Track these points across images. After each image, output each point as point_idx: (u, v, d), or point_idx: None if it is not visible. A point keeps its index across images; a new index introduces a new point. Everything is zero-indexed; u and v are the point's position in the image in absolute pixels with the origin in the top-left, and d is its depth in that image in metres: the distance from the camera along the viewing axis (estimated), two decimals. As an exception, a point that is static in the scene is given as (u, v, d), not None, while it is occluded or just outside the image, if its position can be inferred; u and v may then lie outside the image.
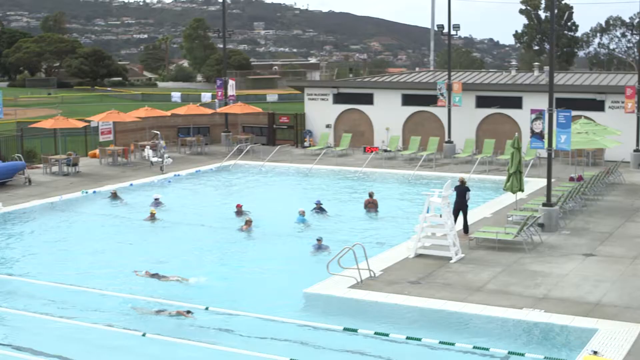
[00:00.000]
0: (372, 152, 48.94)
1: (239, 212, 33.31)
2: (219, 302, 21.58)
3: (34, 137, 50.19)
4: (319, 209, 33.48)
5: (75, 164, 43.96)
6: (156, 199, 35.37)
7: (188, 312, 20.78)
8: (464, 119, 49.28)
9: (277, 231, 30.53)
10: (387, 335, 18.97)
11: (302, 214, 31.86)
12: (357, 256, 22.79)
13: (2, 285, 24.25)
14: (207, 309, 21.02)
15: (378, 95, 52.99)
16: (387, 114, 52.08)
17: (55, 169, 43.82)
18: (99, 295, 22.87)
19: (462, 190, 28.85)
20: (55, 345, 19.18)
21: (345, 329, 19.39)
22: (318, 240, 27.42)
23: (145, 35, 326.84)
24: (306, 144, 53.35)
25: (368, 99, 53.24)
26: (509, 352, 17.90)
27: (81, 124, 48.67)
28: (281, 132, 55.62)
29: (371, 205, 33.89)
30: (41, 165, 44.72)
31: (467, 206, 29.02)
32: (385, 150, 49.04)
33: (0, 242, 30.47)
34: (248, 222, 30.66)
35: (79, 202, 36.84)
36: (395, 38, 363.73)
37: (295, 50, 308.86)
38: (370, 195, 34.25)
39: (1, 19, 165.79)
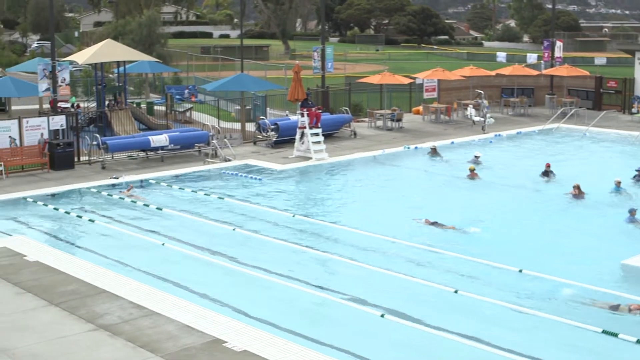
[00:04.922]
0: None
1: (547, 172, 32.90)
2: (531, 266, 21.40)
3: (361, 91, 52.00)
4: (639, 175, 32.31)
5: (399, 120, 45.09)
6: (476, 157, 35.60)
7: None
8: None
9: (594, 198, 29.55)
10: None
11: (618, 184, 30.58)
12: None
13: (324, 232, 25.52)
14: (520, 271, 21.04)
15: None
16: None
17: (379, 123, 45.18)
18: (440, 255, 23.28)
19: None
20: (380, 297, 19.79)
21: (664, 305, 18.73)
22: (630, 212, 26.41)
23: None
24: (634, 110, 51.26)
25: None
26: None
27: (406, 81, 49.78)
28: (608, 97, 53.80)
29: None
30: (366, 119, 46.26)
31: None
32: None
33: (324, 192, 32.14)
34: (576, 187, 29.86)
35: (400, 156, 37.82)
36: None
37: (627, 12, 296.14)
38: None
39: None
